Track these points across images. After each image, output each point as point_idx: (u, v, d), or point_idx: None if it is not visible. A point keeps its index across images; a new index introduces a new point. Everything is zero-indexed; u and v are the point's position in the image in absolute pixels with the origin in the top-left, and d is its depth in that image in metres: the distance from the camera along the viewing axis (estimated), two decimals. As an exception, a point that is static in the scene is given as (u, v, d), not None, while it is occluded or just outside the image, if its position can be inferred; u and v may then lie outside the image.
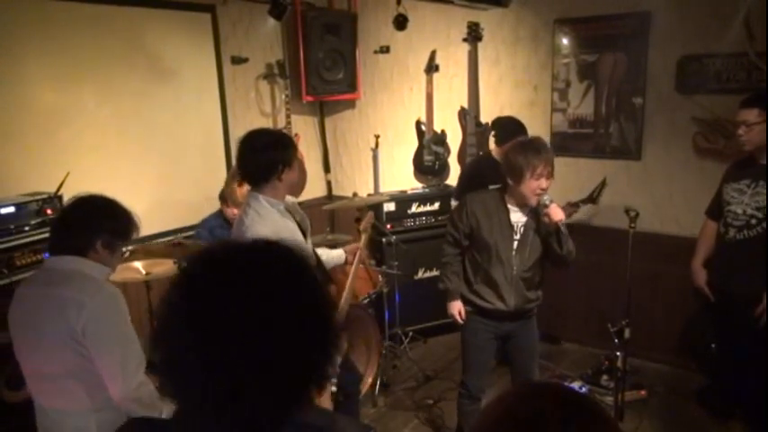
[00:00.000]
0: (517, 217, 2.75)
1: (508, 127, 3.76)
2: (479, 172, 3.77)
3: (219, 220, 3.53)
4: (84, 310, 1.77)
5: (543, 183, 2.64)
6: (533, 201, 2.68)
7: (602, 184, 3.79)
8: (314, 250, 2.75)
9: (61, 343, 1.79)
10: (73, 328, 1.77)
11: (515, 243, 2.74)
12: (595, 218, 4.20)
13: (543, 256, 2.80)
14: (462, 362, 3.02)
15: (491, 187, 2.91)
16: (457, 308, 2.90)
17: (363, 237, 3.07)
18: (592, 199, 3.78)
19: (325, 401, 2.70)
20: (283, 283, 0.88)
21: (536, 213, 2.74)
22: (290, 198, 2.66)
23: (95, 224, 1.92)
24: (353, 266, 3.01)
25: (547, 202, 2.65)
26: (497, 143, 3.78)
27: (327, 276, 2.83)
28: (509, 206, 2.75)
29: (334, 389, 2.74)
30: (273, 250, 0.94)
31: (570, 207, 3.82)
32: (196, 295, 0.87)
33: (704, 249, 3.26)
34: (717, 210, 3.16)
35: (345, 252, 3.05)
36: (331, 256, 2.99)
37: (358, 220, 3.23)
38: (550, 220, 2.65)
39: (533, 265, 2.78)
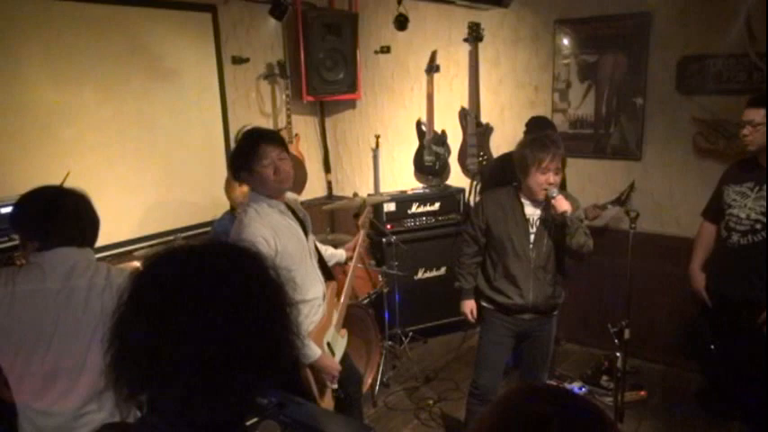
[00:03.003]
0: (532, 210, 2.78)
1: (537, 126, 3.73)
2: (504, 170, 3.74)
3: (234, 222, 3.51)
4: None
5: (550, 177, 2.66)
6: (540, 195, 2.71)
7: (631, 187, 3.71)
8: (316, 247, 2.76)
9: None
10: None
11: (532, 236, 2.77)
12: (598, 218, 4.18)
13: (561, 249, 2.81)
14: (476, 360, 3.01)
15: None
16: (469, 307, 2.93)
17: (362, 232, 3.09)
18: (620, 201, 3.72)
19: (327, 400, 2.71)
20: (231, 281, 0.94)
21: (548, 206, 2.76)
22: (291, 195, 2.66)
23: (97, 216, 1.96)
24: (353, 261, 3.02)
25: (554, 194, 2.66)
26: None
27: (329, 273, 2.84)
28: (523, 200, 2.78)
29: (335, 386, 2.74)
30: (225, 251, 1.00)
31: (596, 209, 3.79)
32: (150, 293, 0.92)
33: (702, 252, 3.22)
34: (715, 211, 3.13)
35: (346, 250, 3.06)
36: (333, 253, 3.01)
37: (356, 216, 3.24)
38: (555, 212, 2.67)
39: (551, 259, 2.80)
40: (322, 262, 2.76)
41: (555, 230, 2.77)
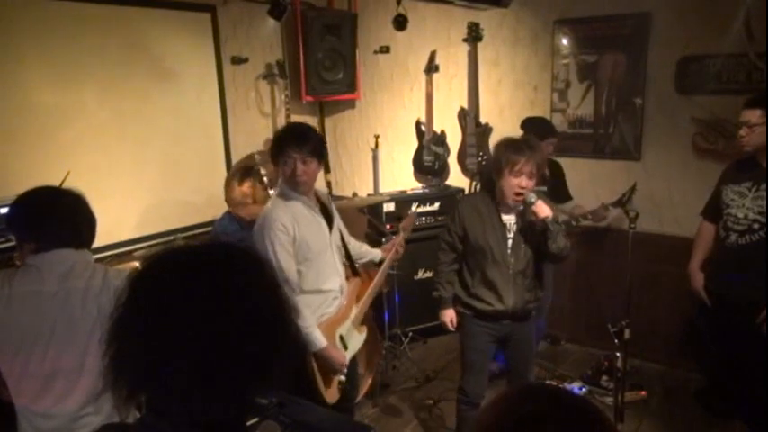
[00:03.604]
0: (509, 216, 2.76)
1: (539, 128, 3.73)
2: None
3: (234, 222, 3.52)
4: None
5: (523, 181, 2.63)
6: (511, 199, 2.67)
7: (632, 190, 3.70)
8: (343, 243, 2.83)
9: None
10: None
11: (509, 242, 2.74)
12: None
13: (538, 253, 2.79)
14: (461, 366, 3.00)
15: None
16: (449, 316, 2.90)
17: (402, 235, 3.12)
18: (621, 203, 3.71)
19: (333, 391, 2.74)
20: (229, 281, 0.93)
21: (523, 212, 2.75)
22: (321, 189, 2.79)
23: (94, 217, 1.96)
24: (386, 262, 3.05)
25: (533, 200, 2.64)
26: None
27: (354, 269, 2.92)
28: (500, 206, 2.75)
29: (343, 378, 2.77)
30: (223, 252, 0.99)
31: (602, 210, 3.75)
32: (148, 294, 0.92)
33: (701, 252, 3.22)
34: (714, 211, 3.12)
35: (383, 251, 3.10)
36: (367, 251, 3.06)
37: (399, 219, 3.30)
38: (537, 217, 2.65)
39: (530, 263, 2.78)
40: (349, 258, 2.85)
41: (532, 235, 2.74)
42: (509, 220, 2.75)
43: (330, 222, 2.72)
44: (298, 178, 2.52)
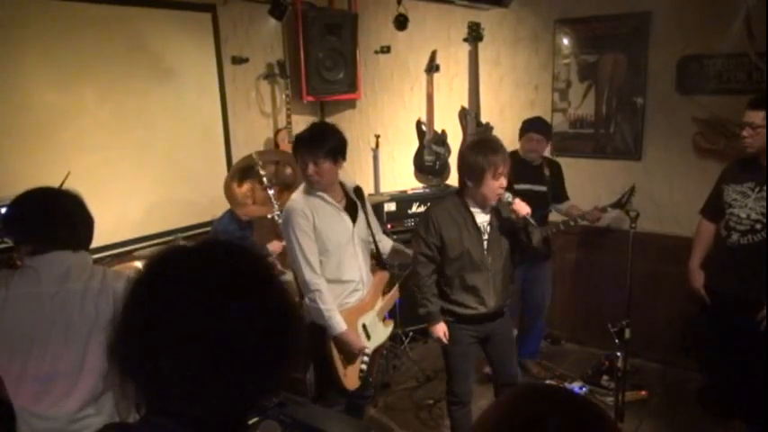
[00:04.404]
0: (482, 218, 2.76)
1: (534, 127, 3.75)
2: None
3: (234, 221, 3.52)
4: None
5: (503, 182, 2.65)
6: (494, 201, 2.69)
7: (631, 191, 3.66)
8: (374, 239, 2.93)
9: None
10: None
11: (485, 243, 2.74)
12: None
13: (512, 250, 2.83)
14: (446, 370, 2.98)
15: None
16: (442, 330, 2.81)
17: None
18: (620, 204, 3.70)
19: (352, 377, 2.77)
20: (231, 280, 0.93)
21: (497, 211, 2.77)
22: (350, 184, 2.92)
23: (91, 217, 1.95)
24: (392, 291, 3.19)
25: (510, 199, 2.67)
26: None
27: (382, 263, 3.02)
28: (472, 209, 2.74)
29: (364, 367, 2.80)
30: (224, 251, 0.99)
31: (598, 211, 3.76)
32: (150, 294, 0.92)
33: (701, 251, 3.21)
34: (714, 210, 3.12)
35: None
36: (401, 250, 3.14)
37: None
38: (518, 216, 2.67)
39: (505, 263, 2.82)
40: (378, 253, 2.97)
41: (504, 233, 2.76)
42: (482, 222, 2.75)
43: (355, 216, 2.80)
44: (310, 177, 2.67)
